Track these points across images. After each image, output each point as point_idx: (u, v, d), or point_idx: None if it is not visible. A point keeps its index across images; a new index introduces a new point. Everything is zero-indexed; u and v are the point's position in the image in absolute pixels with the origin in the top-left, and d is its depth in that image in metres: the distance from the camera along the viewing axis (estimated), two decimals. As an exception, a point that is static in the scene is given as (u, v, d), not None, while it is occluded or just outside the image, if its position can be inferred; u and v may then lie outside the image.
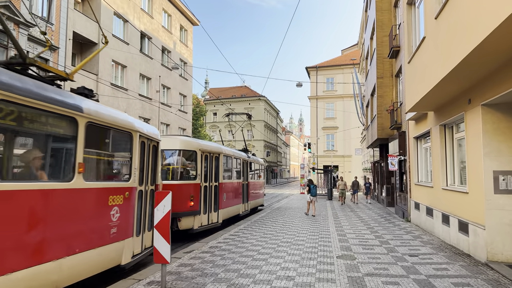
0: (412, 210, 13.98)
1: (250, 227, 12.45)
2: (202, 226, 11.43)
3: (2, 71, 4.28)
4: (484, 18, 5.09)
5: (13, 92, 4.19)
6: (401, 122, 16.15)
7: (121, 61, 26.03)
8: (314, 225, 13.03)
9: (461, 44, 6.06)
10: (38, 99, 4.56)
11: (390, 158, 15.30)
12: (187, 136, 12.55)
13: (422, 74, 8.95)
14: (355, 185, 25.08)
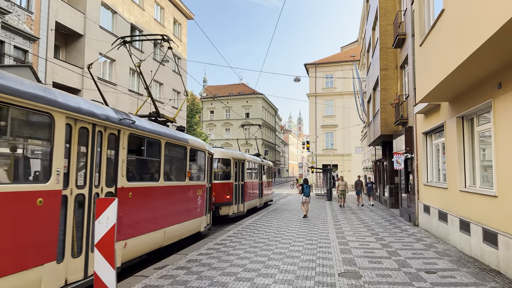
0: (421, 214, 12.62)
1: (240, 233, 11.08)
2: (234, 213, 15.55)
3: (147, 121, 7.95)
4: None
5: (139, 128, 7.36)
6: (407, 117, 14.78)
7: (109, 54, 24.60)
8: (312, 231, 11.67)
9: (501, 8, 4.70)
10: (174, 138, 8.96)
11: (395, 156, 13.94)
12: (223, 148, 17.29)
13: (439, 56, 7.58)
14: (359, 185, 22.89)
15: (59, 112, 5.04)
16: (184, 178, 9.61)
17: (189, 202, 9.94)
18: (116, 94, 25.02)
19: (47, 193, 4.78)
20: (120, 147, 6.60)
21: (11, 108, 4.33)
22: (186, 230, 9.68)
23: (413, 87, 13.50)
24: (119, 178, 6.53)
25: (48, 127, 4.95)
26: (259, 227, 12.54)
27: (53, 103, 4.96)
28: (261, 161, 21.47)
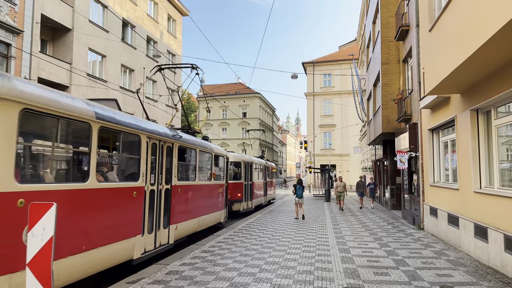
0: (426, 216, 11.73)
1: (232, 239, 10.15)
2: (244, 209, 17.55)
3: (180, 133, 9.64)
4: None
5: (184, 141, 9.59)
6: (410, 113, 13.89)
7: (100, 50, 23.65)
8: (310, 236, 10.76)
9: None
10: (204, 147, 11.23)
11: (399, 155, 13.05)
12: (234, 152, 19.72)
13: (454, 39, 6.68)
14: (361, 186, 20.87)
15: (143, 133, 7.39)
16: (211, 178, 12.03)
17: (214, 197, 12.28)
18: (107, 91, 24.06)
19: (137, 188, 7.14)
20: (173, 156, 8.92)
21: (121, 133, 6.71)
22: (212, 220, 11.97)
23: (417, 81, 12.62)
24: (173, 178, 8.85)
25: (137, 144, 7.28)
26: (253, 231, 11.63)
27: (140, 128, 7.26)
28: (266, 163, 23.77)
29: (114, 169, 6.85)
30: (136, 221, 7.08)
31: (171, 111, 33.19)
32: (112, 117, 6.28)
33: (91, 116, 5.70)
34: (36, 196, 4.56)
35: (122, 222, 6.59)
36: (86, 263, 5.54)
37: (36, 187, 4.66)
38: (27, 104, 4.53)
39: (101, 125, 5.96)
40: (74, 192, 5.34)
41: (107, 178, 6.36)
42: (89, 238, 5.66)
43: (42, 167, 5.39)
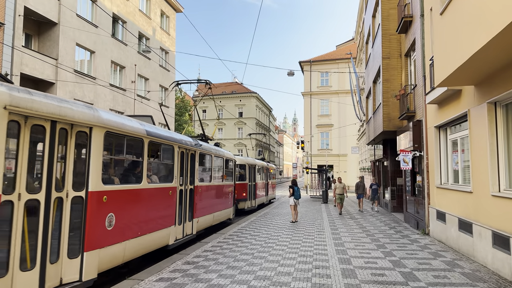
0: (433, 221, 10.83)
1: (220, 247, 9.21)
2: (248, 207, 18.91)
3: (200, 142, 11.41)
4: None
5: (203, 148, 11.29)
6: (414, 110, 13.00)
7: (88, 46, 22.65)
8: (307, 243, 9.83)
9: None
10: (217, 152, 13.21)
11: (402, 155, 12.15)
12: (240, 156, 21.12)
13: (474, 19, 5.77)
14: (360, 187, 19.05)
15: (175, 144, 8.97)
16: (223, 179, 13.74)
17: (225, 196, 13.83)
18: (95, 88, 23.07)
19: (172, 188, 8.74)
20: (196, 161, 10.39)
21: (162, 145, 8.43)
22: (223, 216, 13.63)
23: (422, 74, 11.74)
24: (195, 180, 10.37)
25: (172, 153, 8.88)
26: (244, 237, 10.70)
27: (174, 139, 8.92)
28: (267, 165, 25.08)
29: (157, 173, 8.45)
30: (171, 214, 8.79)
31: (163, 109, 32.22)
32: (156, 132, 8.06)
33: (143, 133, 7.39)
34: (112, 194, 6.16)
35: (162, 215, 8.27)
36: (140, 244, 7.20)
37: (112, 187, 6.26)
38: (108, 128, 6.11)
39: (150, 139, 7.66)
40: (133, 191, 7.00)
41: (152, 180, 7.99)
42: (142, 226, 7.27)
43: (114, 173, 6.75)
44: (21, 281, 4.52)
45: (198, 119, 15.45)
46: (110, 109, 24.67)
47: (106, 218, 5.99)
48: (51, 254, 5.01)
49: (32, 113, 4.74)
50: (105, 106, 24.04)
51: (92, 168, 5.72)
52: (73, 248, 5.37)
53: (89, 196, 5.61)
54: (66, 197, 5.28)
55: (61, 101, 5.29)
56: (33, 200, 4.79)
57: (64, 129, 5.33)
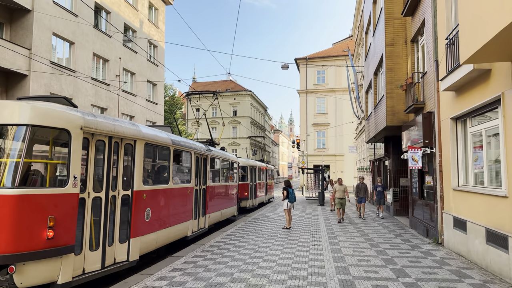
0: (448, 229, 9.24)
1: (194, 264, 7.54)
2: (250, 206, 20.03)
3: (210, 147, 12.94)
4: None
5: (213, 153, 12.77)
6: (423, 101, 11.41)
7: (67, 36, 20.91)
8: (300, 257, 8.19)
9: None
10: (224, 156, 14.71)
11: (410, 152, 10.54)
12: (241, 158, 21.42)
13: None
14: (362, 190, 16.09)
15: (192, 150, 10.58)
16: (228, 180, 15.00)
17: (230, 195, 15.17)
18: (75, 82, 21.34)
19: (190, 188, 10.33)
20: (207, 164, 11.90)
21: (182, 152, 10.00)
22: (229, 213, 14.87)
23: (434, 59, 10.15)
24: (207, 181, 11.85)
25: (190, 158, 10.50)
26: (227, 248, 9.04)
27: (191, 146, 10.56)
28: (266, 166, 26.32)
29: (179, 175, 9.77)
30: (190, 210, 10.18)
31: (151, 106, 30.52)
32: (179, 141, 9.55)
33: (170, 142, 8.86)
34: (149, 192, 7.63)
35: (183, 210, 9.64)
36: (168, 234, 8.63)
37: (149, 187, 7.71)
38: (147, 140, 7.66)
39: (174, 147, 9.10)
40: (163, 190, 8.45)
41: (176, 181, 9.36)
42: (169, 219, 8.67)
43: (149, 175, 8.26)
44: (90, 258, 6.03)
45: (208, 127, 15.70)
46: (91, 105, 22.98)
47: (145, 212, 7.43)
48: (109, 239, 6.44)
49: (97, 131, 6.14)
50: (86, 101, 22.35)
51: (136, 172, 7.15)
52: (122, 235, 6.78)
53: (134, 194, 7.02)
54: (118, 195, 6.71)
55: (115, 120, 6.78)
56: (97, 198, 6.21)
57: (117, 142, 6.78)
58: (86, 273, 5.91)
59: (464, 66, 7.32)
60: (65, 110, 5.75)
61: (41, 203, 5.21)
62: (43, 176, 5.72)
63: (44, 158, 5.81)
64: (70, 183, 5.51)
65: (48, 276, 5.28)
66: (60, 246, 5.34)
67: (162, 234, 8.29)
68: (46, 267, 5.21)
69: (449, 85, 8.33)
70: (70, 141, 5.62)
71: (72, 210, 5.57)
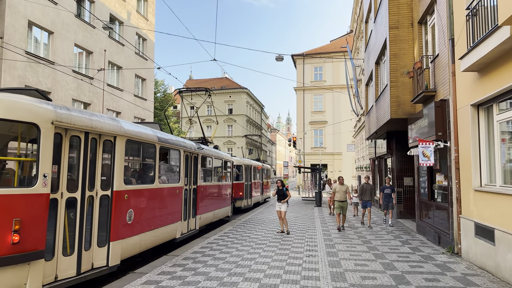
0: (468, 237, 7.78)
1: (165, 280, 6.03)
2: (245, 206, 19.44)
3: (202, 145, 12.12)
4: None
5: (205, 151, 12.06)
6: (435, 88, 9.93)
7: (45, 25, 19.34)
8: (292, 273, 6.68)
9: None
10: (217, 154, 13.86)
11: (421, 146, 9.05)
12: (236, 157, 21.71)
13: None
14: (367, 192, 13.53)
15: (181, 148, 9.90)
16: (221, 179, 14.34)
17: (224, 195, 14.51)
18: (54, 74, 19.79)
19: (179, 188, 9.61)
20: (198, 163, 11.40)
21: (170, 150, 9.30)
22: (222, 213, 14.25)
23: (448, 38, 8.69)
24: (198, 180, 11.34)
25: (178, 156, 9.79)
26: (204, 261, 7.51)
27: (180, 144, 9.88)
28: (262, 165, 25.60)
29: (166, 174, 9.27)
30: (178, 211, 9.61)
31: (140, 102, 28.97)
32: (166, 138, 9.07)
33: (155, 140, 8.36)
34: (131, 193, 7.05)
35: (171, 211, 9.17)
36: (153, 237, 8.15)
37: (131, 187, 7.14)
38: (129, 137, 7.10)
39: (161, 145, 8.59)
40: (148, 190, 7.96)
41: (163, 181, 8.86)
42: (155, 221, 8.20)
43: (132, 174, 7.82)
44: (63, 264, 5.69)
45: (200, 124, 14.95)
46: (73, 99, 21.43)
47: (127, 213, 6.88)
48: (85, 243, 5.96)
49: (71, 126, 5.72)
50: (67, 95, 20.80)
51: (116, 171, 6.60)
52: (101, 238, 6.24)
53: (114, 194, 6.49)
54: (96, 195, 6.19)
55: (92, 114, 6.32)
56: (71, 198, 5.77)
57: (94, 139, 6.24)
58: (59, 280, 5.44)
59: (494, 36, 5.85)
60: (34, 102, 5.32)
61: (5, 205, 4.77)
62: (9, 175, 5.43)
63: (12, 155, 5.55)
64: (39, 183, 5.11)
65: (13, 284, 4.83)
66: (27, 252, 4.91)
67: (147, 237, 7.81)
68: (11, 274, 4.78)
69: (472, 63, 6.84)
70: (40, 137, 5.20)
71: (42, 212, 5.14)
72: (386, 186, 13.79)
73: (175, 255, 8.17)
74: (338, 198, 12.36)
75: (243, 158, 21.76)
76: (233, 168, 17.10)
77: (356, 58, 28.15)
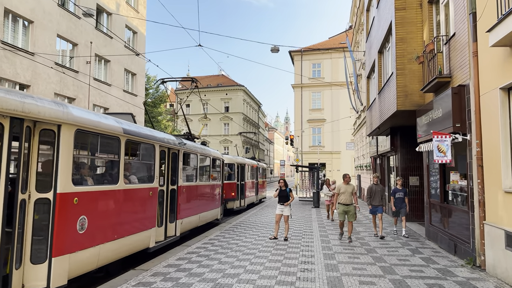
0: (496, 249, 6.45)
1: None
2: (238, 207, 18.54)
3: (184, 140, 10.64)
4: None
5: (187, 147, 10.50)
6: (450, 72, 8.61)
7: (23, 13, 17.97)
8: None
9: None
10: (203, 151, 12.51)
11: (436, 140, 7.71)
12: (228, 155, 20.18)
13: None
14: (376, 194, 11.06)
15: (156, 143, 8.44)
16: (209, 179, 13.16)
17: (212, 196, 13.39)
18: (34, 66, 18.41)
19: (153, 188, 8.17)
20: (179, 160, 9.92)
21: (141, 144, 7.88)
22: (210, 216, 13.04)
23: (468, 12, 7.36)
24: (179, 180, 9.82)
25: (152, 152, 8.33)
26: (176, 278, 6.10)
27: (154, 138, 8.41)
28: (257, 164, 24.12)
29: (135, 173, 7.91)
30: (152, 216, 8.19)
31: (129, 98, 27.59)
32: (135, 131, 7.52)
33: (120, 131, 6.83)
34: (84, 195, 5.73)
35: (142, 217, 7.73)
36: (117, 248, 6.66)
37: (84, 188, 5.81)
38: (80, 126, 5.67)
39: (128, 138, 7.09)
40: (108, 192, 6.49)
41: (130, 180, 7.45)
42: (119, 229, 6.74)
43: (87, 173, 6.38)
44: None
45: (184, 117, 13.68)
46: (55, 93, 20.05)
47: (77, 221, 5.62)
48: (16, 260, 4.83)
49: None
50: (49, 89, 19.44)
51: (61, 169, 5.33)
52: (39, 254, 5.10)
53: (58, 198, 5.26)
54: (29, 199, 5.06)
55: (25, 96, 5.03)
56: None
57: (28, 127, 5.05)
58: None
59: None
60: None
61: None
62: None
63: None
64: None
65: None
66: None
67: (108, 249, 6.43)
68: None
69: (505, 34, 5.51)
70: None
71: None
72: (397, 189, 11.26)
73: (143, 269, 6.82)
74: (343, 201, 10.06)
75: (236, 156, 20.58)
76: (223, 167, 15.68)
77: (356, 50, 26.82)
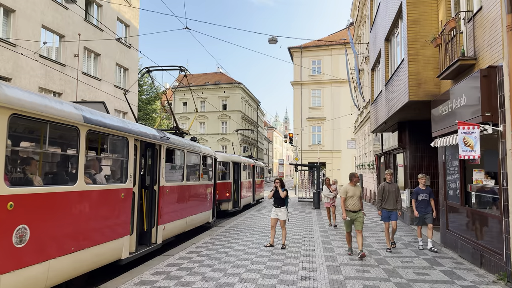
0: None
1: None
2: (232, 209, 17.26)
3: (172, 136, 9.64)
4: None
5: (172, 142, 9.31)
6: (474, 54, 7.38)
7: (4, 1, 16.72)
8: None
9: None
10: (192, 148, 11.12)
11: (461, 131, 6.49)
12: (223, 153, 21.06)
13: None
14: (390, 196, 8.99)
15: (131, 136, 7.13)
16: (199, 179, 11.87)
17: (202, 198, 12.14)
18: (16, 58, 17.17)
19: (125, 190, 6.87)
20: (161, 157, 8.69)
21: (109, 136, 6.52)
22: (199, 220, 11.82)
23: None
24: (161, 179, 8.61)
25: (125, 146, 7.01)
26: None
27: (128, 130, 7.05)
28: (254, 163, 23.16)
29: (102, 171, 6.67)
30: (124, 222, 6.92)
31: (120, 93, 26.35)
32: (100, 120, 6.18)
33: (79, 120, 5.59)
34: (24, 199, 4.51)
35: (110, 223, 6.46)
36: (75, 262, 5.43)
37: (24, 190, 4.58)
38: (17, 110, 4.46)
39: (89, 128, 5.83)
40: (61, 194, 5.24)
41: (95, 180, 6.23)
42: (78, 239, 5.55)
43: (31, 170, 5.03)
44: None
45: (170, 110, 12.46)
46: (40, 87, 18.82)
47: (13, 232, 4.34)
48: None
49: None
50: (32, 82, 18.23)
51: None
52: None
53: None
54: None
55: None
56: None
57: None
58: None
59: None
60: None
61: None
62: None
63: None
64: None
65: None
66: None
67: (61, 264, 5.16)
68: None
69: None
70: None
71: None
72: (420, 189, 9.12)
73: (127, 279, 5.62)
74: (351, 207, 8.08)
75: (231, 154, 19.59)
76: (216, 165, 14.42)
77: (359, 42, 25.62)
